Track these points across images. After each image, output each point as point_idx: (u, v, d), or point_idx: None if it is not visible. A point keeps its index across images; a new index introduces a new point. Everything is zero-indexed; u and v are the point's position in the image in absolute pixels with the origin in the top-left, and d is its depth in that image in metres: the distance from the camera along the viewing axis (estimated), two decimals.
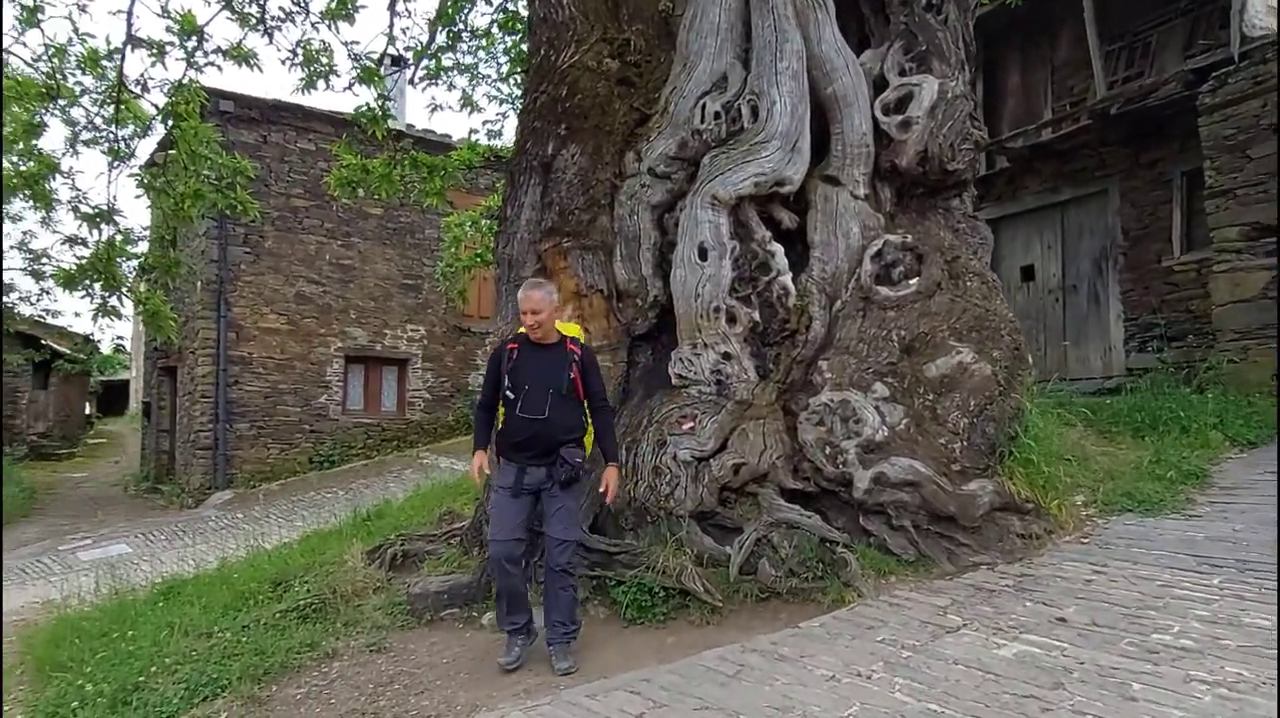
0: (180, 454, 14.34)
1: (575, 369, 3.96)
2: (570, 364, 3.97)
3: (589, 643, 4.27)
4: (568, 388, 3.95)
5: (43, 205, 6.86)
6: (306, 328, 14.08)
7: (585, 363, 4.05)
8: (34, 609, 7.50)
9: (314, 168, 14.09)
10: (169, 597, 6.03)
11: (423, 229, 15.34)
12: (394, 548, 5.68)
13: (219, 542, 10.04)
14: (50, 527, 12.34)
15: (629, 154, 5.17)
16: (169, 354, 14.96)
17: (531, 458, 3.97)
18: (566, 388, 3.94)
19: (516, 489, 3.99)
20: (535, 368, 3.96)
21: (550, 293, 4.07)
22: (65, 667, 4.93)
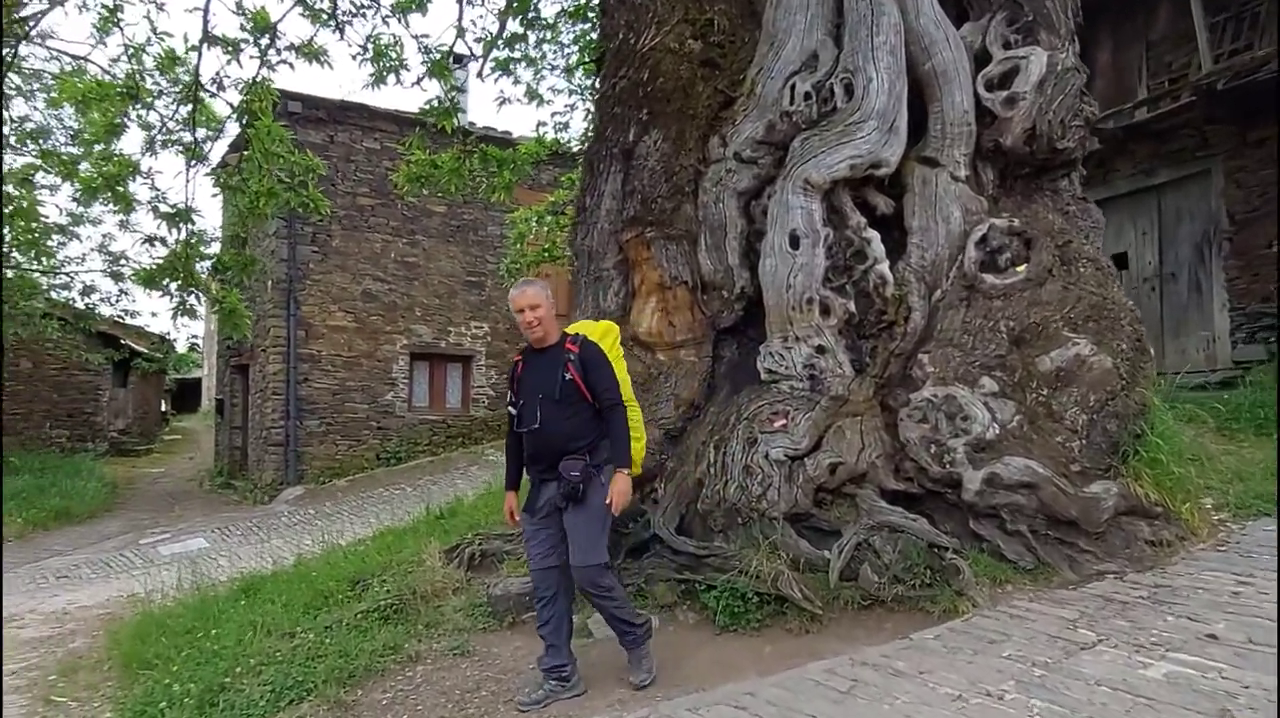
0: (252, 451, 14.58)
1: (572, 369, 3.58)
2: (564, 365, 3.60)
3: (679, 651, 4.07)
4: (561, 392, 3.58)
5: (123, 207, 6.91)
6: (373, 325, 14.17)
7: (585, 359, 3.62)
8: (118, 603, 7.62)
9: (379, 167, 14.18)
10: (249, 594, 6.01)
11: (485, 226, 15.33)
12: (471, 548, 5.55)
13: (293, 538, 10.12)
14: (131, 521, 12.63)
15: (713, 139, 4.95)
16: (241, 352, 15.23)
17: (542, 473, 3.67)
18: (560, 392, 3.58)
19: (532, 508, 3.72)
20: (532, 376, 3.69)
21: (545, 288, 3.75)
22: (151, 664, 4.93)
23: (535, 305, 3.65)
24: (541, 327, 3.67)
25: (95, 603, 7.73)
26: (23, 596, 8.44)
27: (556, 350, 3.67)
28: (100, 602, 7.76)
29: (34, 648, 6.19)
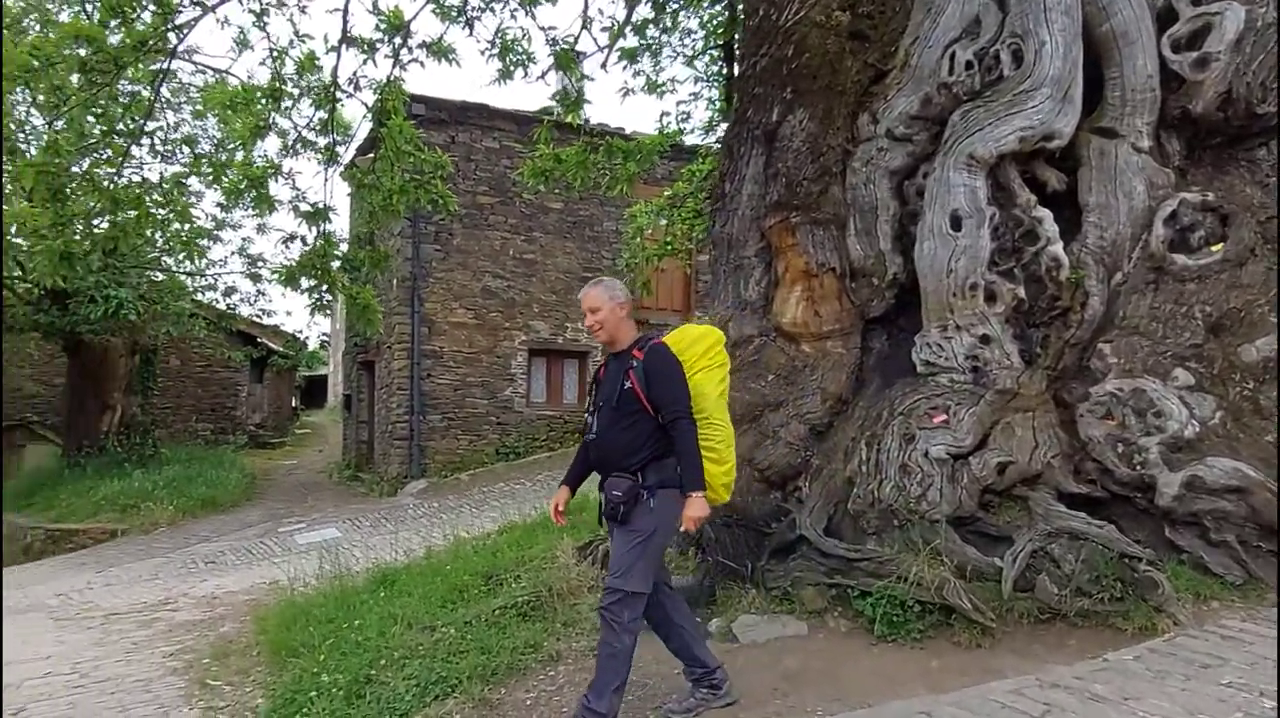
0: (378, 444, 15.05)
1: (633, 378, 3.25)
2: (625, 372, 3.30)
3: (833, 660, 3.82)
4: (619, 401, 3.29)
5: (265, 207, 7.13)
6: (492, 322, 14.38)
7: (648, 368, 3.25)
8: (262, 589, 7.91)
9: (498, 165, 14.37)
10: (386, 585, 6.09)
11: (601, 222, 15.33)
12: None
13: (420, 530, 10.33)
14: (269, 510, 13.24)
15: (863, 116, 4.65)
16: (368, 349, 15.74)
17: (601, 485, 3.40)
18: (618, 401, 3.29)
19: (600, 518, 3.45)
20: (605, 382, 3.43)
21: (609, 289, 3.42)
22: (297, 652, 5.01)
23: (595, 309, 3.39)
24: (605, 330, 3.40)
25: (241, 588, 8.05)
26: (175, 579, 8.91)
27: (625, 357, 3.36)
28: (245, 587, 8.08)
29: (188, 631, 6.46)
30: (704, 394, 3.32)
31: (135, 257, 14.01)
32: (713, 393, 3.34)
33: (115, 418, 14.64)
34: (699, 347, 3.41)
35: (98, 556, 10.75)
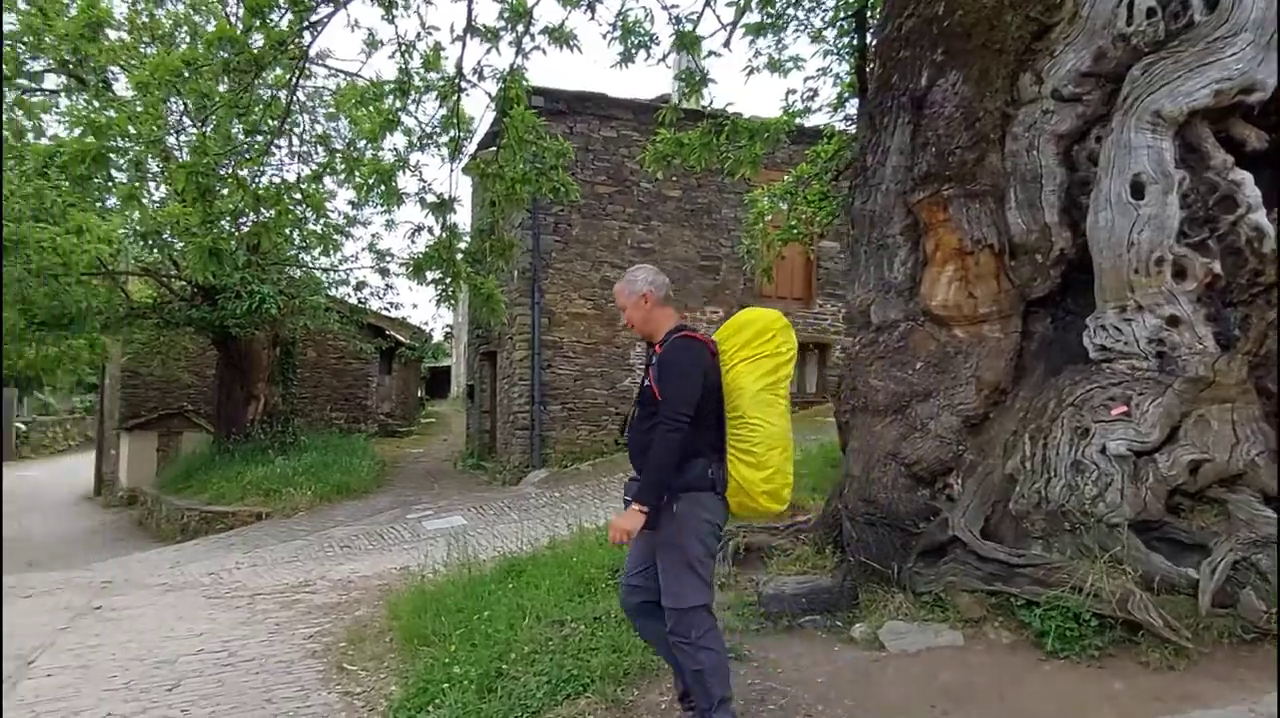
0: (500, 434, 15.32)
1: (651, 373, 3.02)
2: (648, 368, 3.10)
3: (998, 676, 3.46)
4: (640, 397, 3.08)
5: (393, 200, 7.23)
6: (610, 312, 14.34)
7: (660, 361, 2.99)
8: (393, 575, 8.09)
9: (615, 154, 14.31)
10: (513, 576, 6.07)
11: (719, 209, 15.05)
12: (735, 541, 5.21)
13: (543, 519, 10.39)
14: (398, 497, 13.67)
15: (1024, 76, 4.21)
16: (489, 340, 16.04)
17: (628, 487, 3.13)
18: (640, 397, 3.08)
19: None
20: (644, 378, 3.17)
21: (630, 282, 3.14)
22: (429, 640, 5.03)
23: (622, 306, 3.18)
24: (637, 326, 3.15)
25: (374, 573, 8.26)
26: (314, 562, 9.27)
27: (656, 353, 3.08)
28: (378, 572, 8.29)
29: (325, 613, 6.64)
30: (740, 389, 2.97)
31: (275, 254, 14.73)
32: (750, 388, 2.96)
33: (260, 407, 15.48)
34: (741, 335, 3.03)
35: (244, 537, 11.37)
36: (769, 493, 2.98)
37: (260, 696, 4.69)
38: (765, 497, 2.98)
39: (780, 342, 3.02)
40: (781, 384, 3.00)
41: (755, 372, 2.97)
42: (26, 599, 7.94)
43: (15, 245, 7.10)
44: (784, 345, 3.02)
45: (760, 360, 2.98)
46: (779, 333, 3.03)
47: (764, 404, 2.95)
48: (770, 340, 3.00)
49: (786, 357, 3.01)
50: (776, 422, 2.96)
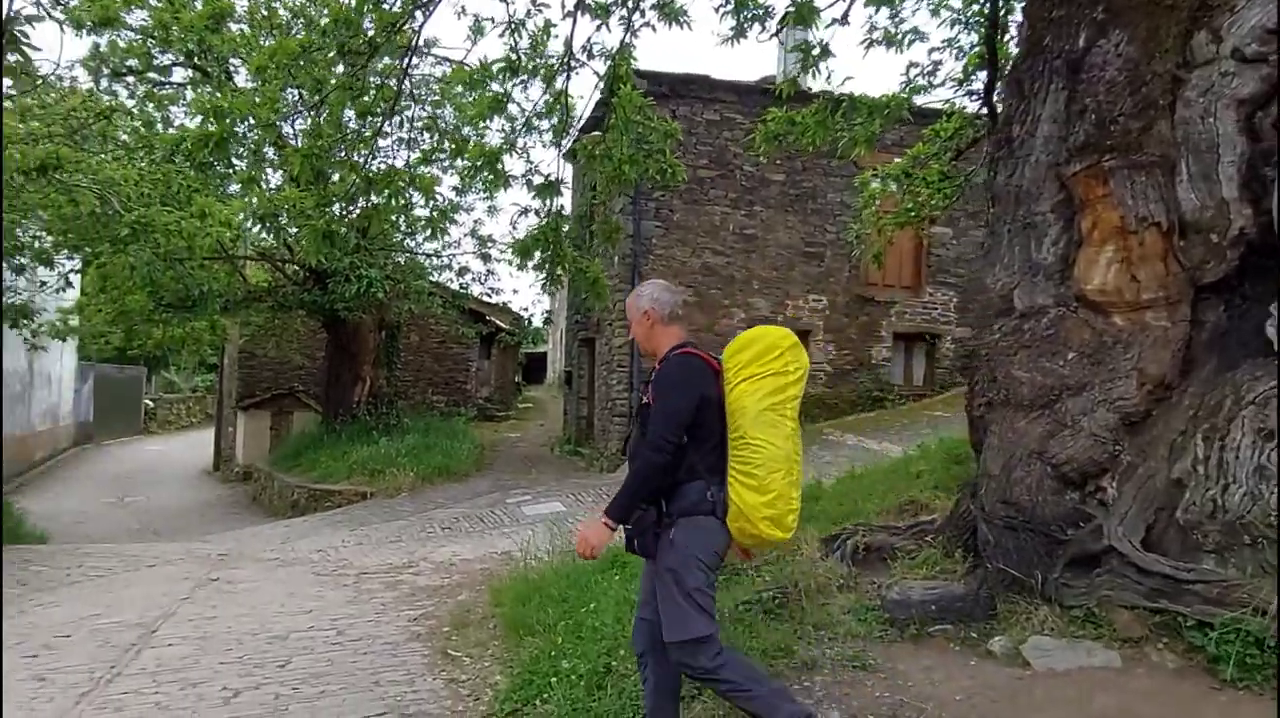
0: (598, 420, 15.29)
1: (648, 392, 2.92)
2: (646, 386, 2.99)
3: (1165, 706, 3.09)
4: (639, 416, 2.98)
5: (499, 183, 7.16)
6: (711, 299, 14.10)
7: (656, 379, 2.91)
8: (494, 559, 8.09)
9: (718, 138, 14.01)
10: (617, 567, 5.94)
11: (824, 194, 14.57)
12: (854, 539, 4.92)
13: None
14: (497, 481, 13.80)
15: (1199, 35, 3.75)
16: (589, 326, 16.02)
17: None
18: (639, 417, 2.99)
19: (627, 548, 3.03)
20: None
21: (637, 296, 3.09)
22: (533, 630, 4.94)
23: (629, 321, 3.13)
24: (640, 343, 3.12)
25: (475, 557, 8.29)
26: (416, 543, 9.40)
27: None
28: (479, 556, 8.32)
29: (429, 596, 6.66)
30: (742, 409, 2.82)
31: (382, 240, 15.08)
32: (753, 407, 2.80)
33: (365, 389, 15.91)
34: (746, 353, 2.88)
35: (350, 515, 11.67)
36: (771, 519, 2.80)
37: (368, 677, 4.68)
38: (767, 523, 2.80)
39: (788, 360, 2.87)
40: (788, 404, 2.85)
41: (759, 391, 2.82)
42: (151, 569, 8.31)
43: (145, 229, 7.38)
44: (791, 364, 2.87)
45: (764, 379, 2.83)
46: (786, 351, 2.88)
47: (767, 425, 2.80)
48: (776, 359, 2.85)
49: (794, 376, 2.87)
50: (780, 443, 2.80)
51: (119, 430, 28.75)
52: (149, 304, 14.59)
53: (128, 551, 9.28)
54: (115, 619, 6.02)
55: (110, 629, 5.74)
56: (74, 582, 7.94)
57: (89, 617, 6.15)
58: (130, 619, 6.02)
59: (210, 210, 7.85)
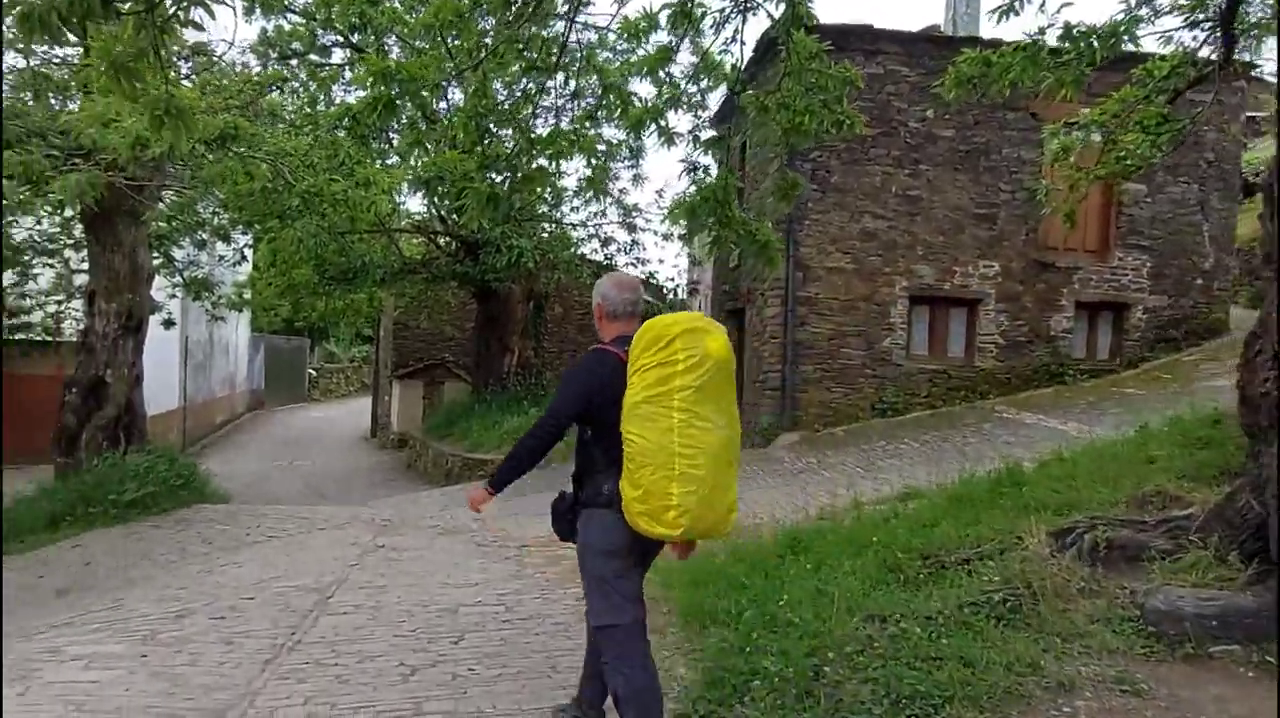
0: (748, 394, 14.75)
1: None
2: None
3: None
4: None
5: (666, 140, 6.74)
6: (870, 266, 13.24)
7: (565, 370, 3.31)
8: None
9: (880, 92, 13.06)
10: (796, 550, 5.47)
11: (999, 149, 13.36)
12: (1091, 534, 4.23)
13: (803, 486, 9.71)
14: None
15: None
16: (737, 297, 15.49)
17: None
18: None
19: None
20: None
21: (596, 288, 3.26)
22: (715, 618, 4.55)
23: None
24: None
25: None
26: None
27: None
28: None
29: None
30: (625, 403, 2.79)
31: (530, 210, 15.06)
32: (629, 401, 2.76)
33: (514, 359, 16.04)
34: (637, 347, 2.81)
35: None
36: (646, 513, 2.70)
37: (544, 661, 4.44)
38: (643, 518, 2.71)
39: (676, 349, 2.72)
40: (674, 395, 2.69)
41: (639, 384, 2.75)
42: (322, 532, 8.51)
43: (314, 198, 7.45)
44: (681, 353, 2.71)
45: (649, 371, 2.74)
46: (676, 338, 2.73)
47: (641, 418, 2.72)
48: (663, 349, 2.73)
49: (683, 364, 2.70)
50: (654, 437, 2.68)
51: (286, 397, 30.66)
52: (314, 277, 15.19)
53: (300, 513, 9.59)
54: (293, 583, 6.08)
55: (289, 594, 5.78)
56: (254, 542, 8.23)
57: (269, 579, 6.25)
58: (307, 583, 6.07)
59: (374, 179, 7.84)
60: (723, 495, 2.78)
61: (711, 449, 2.69)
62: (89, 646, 4.64)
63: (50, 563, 7.86)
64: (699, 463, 2.66)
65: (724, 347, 2.81)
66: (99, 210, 9.51)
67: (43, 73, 8.88)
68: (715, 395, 2.75)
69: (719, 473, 2.73)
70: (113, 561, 7.71)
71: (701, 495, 2.66)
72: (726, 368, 2.82)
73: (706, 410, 2.70)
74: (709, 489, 2.68)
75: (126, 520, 8.93)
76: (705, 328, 2.81)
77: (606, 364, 2.92)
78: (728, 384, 2.85)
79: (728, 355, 2.83)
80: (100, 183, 6.68)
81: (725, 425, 2.79)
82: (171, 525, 8.76)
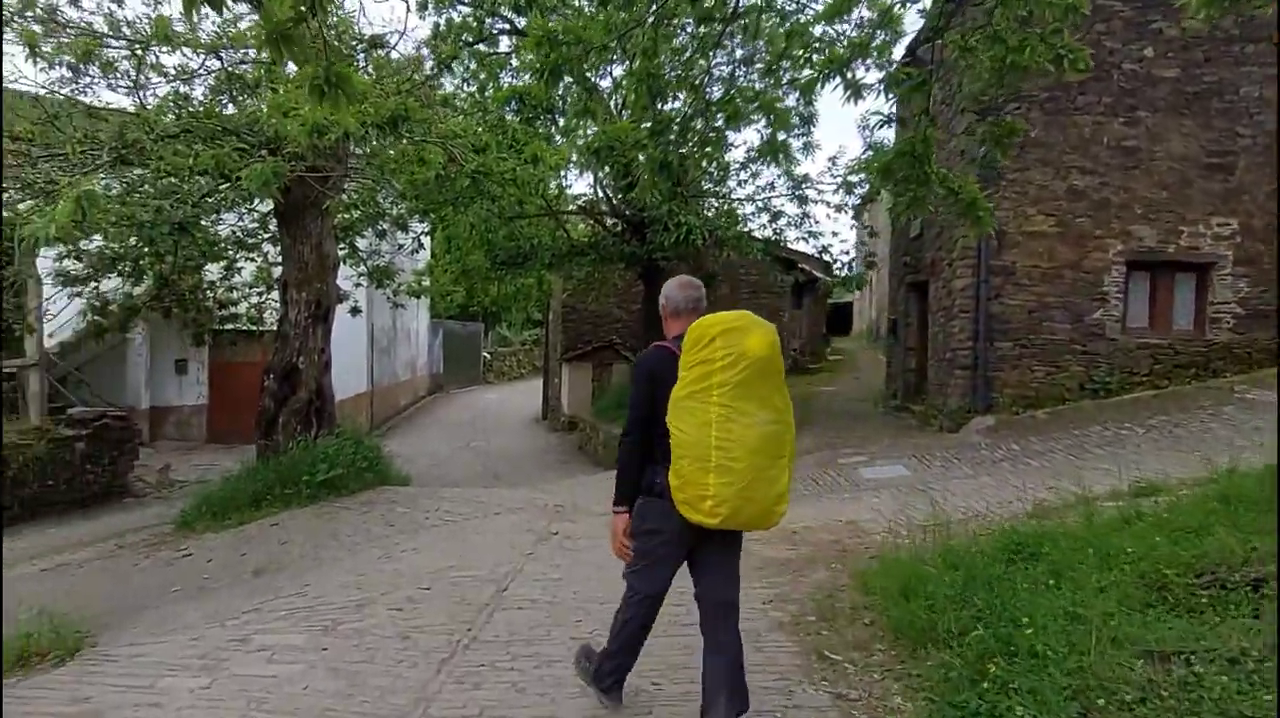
0: (934, 374, 13.65)
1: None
2: None
3: None
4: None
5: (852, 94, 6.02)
6: (1078, 229, 11.78)
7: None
8: (840, 529, 7.15)
9: (1089, 32, 11.52)
10: (1024, 558, 4.70)
11: (1235, 88, 11.51)
12: None
13: (1004, 476, 8.72)
14: (821, 438, 12.81)
15: None
16: (919, 269, 14.35)
17: None
18: None
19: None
20: None
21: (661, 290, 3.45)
22: (933, 637, 3.92)
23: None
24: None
25: (819, 524, 7.41)
26: None
27: None
28: (822, 523, 7.42)
29: (779, 571, 5.87)
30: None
31: (695, 187, 14.57)
32: (674, 396, 2.95)
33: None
34: (685, 345, 2.99)
35: None
36: (685, 502, 2.93)
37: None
38: (684, 506, 2.94)
39: (717, 346, 2.87)
40: (713, 391, 2.85)
41: (684, 380, 2.93)
42: (497, 517, 8.47)
43: (483, 177, 7.31)
44: (719, 350, 2.87)
45: (694, 368, 2.91)
46: (718, 337, 2.89)
47: (683, 412, 2.90)
48: (705, 347, 2.89)
49: (721, 362, 2.85)
50: (692, 430, 2.87)
51: (463, 380, 31.98)
52: (486, 263, 15.43)
53: (477, 496, 9.65)
54: (469, 573, 5.95)
55: (465, 584, 5.64)
56: (433, 525, 8.29)
57: (445, 568, 6.16)
58: (483, 574, 5.92)
59: (542, 155, 7.61)
60: (767, 488, 2.86)
61: (750, 443, 2.80)
62: (274, 635, 4.63)
63: (252, 541, 8.26)
64: (736, 456, 2.79)
65: (765, 344, 2.86)
66: (287, 203, 9.92)
67: (235, 73, 9.28)
68: (756, 391, 2.83)
69: (760, 467, 2.82)
70: (304, 539, 7.98)
71: (739, 488, 2.80)
72: (768, 365, 2.87)
73: (748, 406, 2.81)
74: (747, 482, 2.80)
75: (318, 500, 9.29)
76: (745, 327, 2.90)
77: (664, 361, 3.07)
78: (770, 380, 2.89)
79: (768, 353, 2.87)
80: (284, 171, 6.80)
81: (770, 421, 2.85)
82: (358, 507, 9.01)
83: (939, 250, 13.12)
